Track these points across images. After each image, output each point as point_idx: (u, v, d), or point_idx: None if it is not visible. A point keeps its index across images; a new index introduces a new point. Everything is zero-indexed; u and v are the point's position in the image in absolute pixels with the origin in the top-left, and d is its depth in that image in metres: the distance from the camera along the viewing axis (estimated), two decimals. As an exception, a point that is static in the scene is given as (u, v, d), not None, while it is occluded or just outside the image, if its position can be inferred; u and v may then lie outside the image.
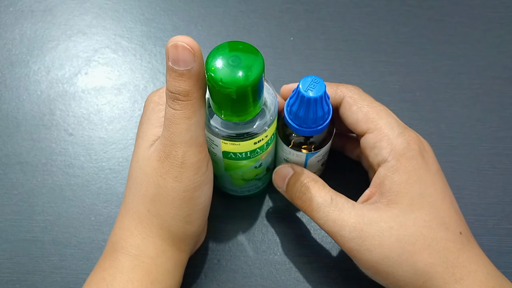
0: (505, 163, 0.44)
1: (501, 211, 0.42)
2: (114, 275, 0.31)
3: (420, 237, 0.31)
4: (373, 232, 0.32)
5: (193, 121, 0.29)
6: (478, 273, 0.31)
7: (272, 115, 0.32)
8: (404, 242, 0.31)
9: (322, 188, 0.34)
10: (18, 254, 0.40)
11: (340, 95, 0.35)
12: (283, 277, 0.39)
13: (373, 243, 0.31)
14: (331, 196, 0.34)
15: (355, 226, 0.32)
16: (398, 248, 0.31)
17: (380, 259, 0.31)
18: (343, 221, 0.32)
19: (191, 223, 0.33)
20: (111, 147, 0.45)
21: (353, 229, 0.32)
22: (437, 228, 0.32)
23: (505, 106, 0.46)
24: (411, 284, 0.31)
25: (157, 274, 0.32)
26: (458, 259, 0.31)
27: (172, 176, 0.31)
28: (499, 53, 0.49)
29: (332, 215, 0.33)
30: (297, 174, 0.36)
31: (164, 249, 0.32)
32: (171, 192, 0.31)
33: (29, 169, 0.44)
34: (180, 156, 0.30)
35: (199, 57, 0.28)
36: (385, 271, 0.32)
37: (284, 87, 0.38)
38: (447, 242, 0.31)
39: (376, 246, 0.31)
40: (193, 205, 0.32)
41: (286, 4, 0.52)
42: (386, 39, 0.50)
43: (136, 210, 0.32)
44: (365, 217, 0.32)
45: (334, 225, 0.33)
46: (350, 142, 0.41)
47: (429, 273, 0.31)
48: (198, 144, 0.30)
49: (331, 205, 0.33)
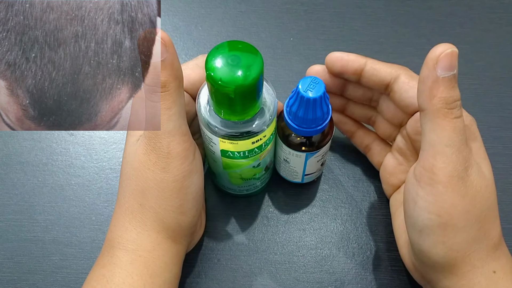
0: (504, 163, 0.44)
1: (500, 211, 0.42)
2: (113, 271, 0.31)
3: (495, 207, 0.32)
4: (477, 183, 0.31)
5: (174, 111, 0.30)
6: (509, 257, 0.32)
7: (272, 114, 0.32)
8: (487, 207, 0.31)
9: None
10: (19, 254, 0.40)
11: (397, 71, 0.35)
12: (283, 277, 0.39)
13: (470, 193, 0.30)
14: None
15: (470, 166, 0.31)
16: (482, 210, 0.31)
17: (464, 211, 0.30)
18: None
19: (185, 213, 0.33)
20: (112, 147, 0.45)
21: (466, 168, 0.31)
22: (495, 200, 0.33)
23: (505, 106, 0.46)
24: (463, 248, 0.31)
25: (155, 267, 0.32)
26: (501, 238, 0.32)
27: (159, 167, 0.31)
28: (498, 53, 0.49)
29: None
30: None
31: (159, 241, 0.33)
32: (160, 184, 0.31)
33: (30, 169, 0.44)
34: (165, 146, 0.30)
35: (170, 47, 0.28)
36: (459, 225, 0.30)
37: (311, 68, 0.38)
38: (499, 220, 0.33)
39: (471, 198, 0.30)
40: (184, 195, 0.32)
41: (286, 5, 0.52)
42: (386, 40, 0.50)
43: (128, 205, 0.33)
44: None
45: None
46: (362, 130, 0.41)
47: (482, 243, 0.31)
48: (182, 133, 0.31)
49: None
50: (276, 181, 0.43)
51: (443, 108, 0.29)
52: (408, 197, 0.33)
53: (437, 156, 0.30)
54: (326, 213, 0.42)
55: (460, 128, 0.30)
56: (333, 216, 0.42)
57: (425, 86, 0.29)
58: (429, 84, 0.29)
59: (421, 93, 0.30)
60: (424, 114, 0.30)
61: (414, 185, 0.32)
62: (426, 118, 0.30)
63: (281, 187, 0.43)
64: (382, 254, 0.40)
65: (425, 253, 0.32)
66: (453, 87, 0.29)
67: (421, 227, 0.32)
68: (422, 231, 0.32)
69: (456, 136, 0.30)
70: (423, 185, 0.31)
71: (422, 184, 0.31)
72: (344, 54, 0.36)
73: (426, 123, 0.30)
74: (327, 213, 0.42)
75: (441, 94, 0.29)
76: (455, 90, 0.29)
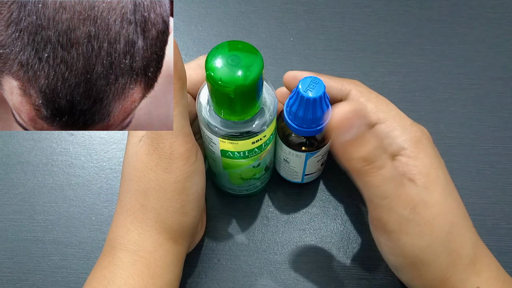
0: (504, 163, 0.44)
1: (500, 211, 0.42)
2: (114, 271, 0.31)
3: (457, 226, 0.31)
4: (427, 216, 0.30)
5: (177, 111, 0.30)
6: (492, 267, 0.32)
7: (271, 114, 0.32)
8: (447, 231, 0.31)
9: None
10: (19, 254, 0.40)
11: (346, 88, 0.36)
12: (283, 277, 0.39)
13: (425, 230, 0.30)
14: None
15: (415, 205, 0.30)
16: (443, 237, 0.30)
17: (425, 246, 0.30)
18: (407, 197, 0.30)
19: (186, 214, 0.33)
20: (112, 147, 0.45)
21: (413, 209, 0.30)
22: (464, 217, 0.32)
23: (504, 106, 0.46)
24: (439, 277, 0.31)
25: (156, 268, 0.32)
26: (478, 251, 0.32)
27: (162, 168, 0.31)
28: (498, 53, 0.49)
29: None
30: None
31: (161, 242, 0.33)
32: (162, 184, 0.31)
33: (30, 169, 0.44)
34: (168, 147, 0.30)
35: (174, 48, 0.28)
36: (426, 260, 0.31)
37: (287, 75, 0.37)
38: (471, 233, 0.32)
39: (427, 233, 0.30)
40: (186, 196, 0.32)
41: (286, 5, 0.52)
42: (386, 40, 0.50)
43: (130, 206, 0.33)
44: (422, 197, 0.30)
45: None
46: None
47: (457, 265, 0.31)
48: (184, 134, 0.31)
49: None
50: (276, 181, 0.43)
51: (362, 167, 0.28)
52: (374, 239, 0.34)
53: (379, 209, 0.30)
54: (326, 213, 0.42)
55: (389, 176, 0.28)
56: (333, 216, 0.42)
57: (338, 152, 0.28)
58: (340, 150, 0.28)
59: (338, 158, 0.29)
60: (350, 174, 0.29)
61: (374, 232, 0.33)
62: (354, 177, 0.29)
63: (281, 187, 0.43)
64: (382, 254, 0.40)
65: (407, 284, 0.34)
66: (364, 142, 0.27)
67: (392, 266, 0.33)
68: (396, 268, 0.33)
69: (388, 186, 0.29)
70: (380, 233, 0.32)
71: (379, 232, 0.32)
72: (298, 73, 0.36)
73: (356, 181, 0.30)
74: (327, 213, 0.42)
75: (355, 154, 0.28)
76: (369, 143, 0.27)
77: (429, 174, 0.32)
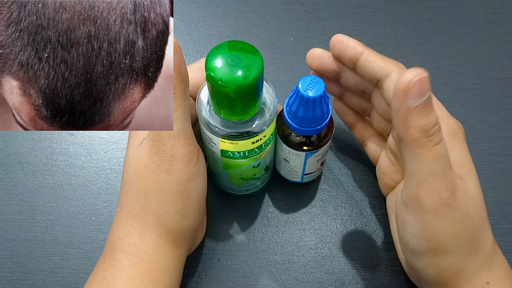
0: (504, 163, 0.44)
1: (500, 211, 0.42)
2: (114, 274, 0.31)
3: (485, 222, 0.31)
4: (464, 205, 0.30)
5: (179, 114, 0.30)
6: (503, 266, 0.32)
7: (271, 114, 0.32)
8: (476, 225, 0.30)
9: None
10: (19, 254, 0.40)
11: (389, 68, 0.34)
12: (283, 277, 0.39)
13: (458, 218, 0.29)
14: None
15: (456, 190, 0.29)
16: (470, 230, 0.30)
17: (452, 235, 0.30)
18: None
19: (187, 217, 0.33)
20: (112, 147, 0.45)
21: (453, 194, 0.29)
22: (485, 212, 0.32)
23: (504, 106, 0.46)
24: (455, 268, 0.31)
25: (156, 271, 0.32)
26: (495, 249, 0.32)
27: (163, 170, 0.31)
28: (498, 53, 0.49)
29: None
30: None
31: (161, 245, 0.32)
32: (163, 186, 0.31)
33: (30, 169, 0.44)
34: (169, 149, 0.30)
35: (177, 50, 0.28)
36: (448, 250, 0.30)
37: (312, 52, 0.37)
38: (491, 231, 0.32)
39: (458, 221, 0.30)
40: (187, 198, 0.32)
41: (286, 5, 0.52)
42: (386, 40, 0.50)
43: (130, 208, 0.32)
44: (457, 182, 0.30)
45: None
46: (361, 123, 0.41)
47: (474, 260, 0.31)
48: (186, 136, 0.31)
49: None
50: (276, 181, 0.43)
51: (420, 137, 0.28)
52: (398, 219, 0.33)
53: (421, 186, 0.29)
54: (326, 213, 0.42)
55: (441, 154, 0.28)
56: (333, 216, 0.42)
57: (399, 118, 0.28)
58: (402, 115, 0.28)
59: (396, 124, 0.29)
60: (402, 144, 0.29)
61: (402, 210, 0.32)
62: (405, 148, 0.29)
63: (281, 187, 0.43)
64: (382, 254, 0.40)
65: (418, 271, 0.33)
66: (428, 113, 0.27)
67: (411, 249, 0.32)
68: (413, 252, 0.32)
69: (438, 164, 0.28)
70: (410, 211, 0.31)
71: (409, 210, 0.31)
72: (345, 38, 0.35)
73: (406, 153, 0.29)
74: (327, 213, 0.42)
75: (416, 123, 0.27)
76: (431, 116, 0.27)
77: (463, 165, 0.32)
